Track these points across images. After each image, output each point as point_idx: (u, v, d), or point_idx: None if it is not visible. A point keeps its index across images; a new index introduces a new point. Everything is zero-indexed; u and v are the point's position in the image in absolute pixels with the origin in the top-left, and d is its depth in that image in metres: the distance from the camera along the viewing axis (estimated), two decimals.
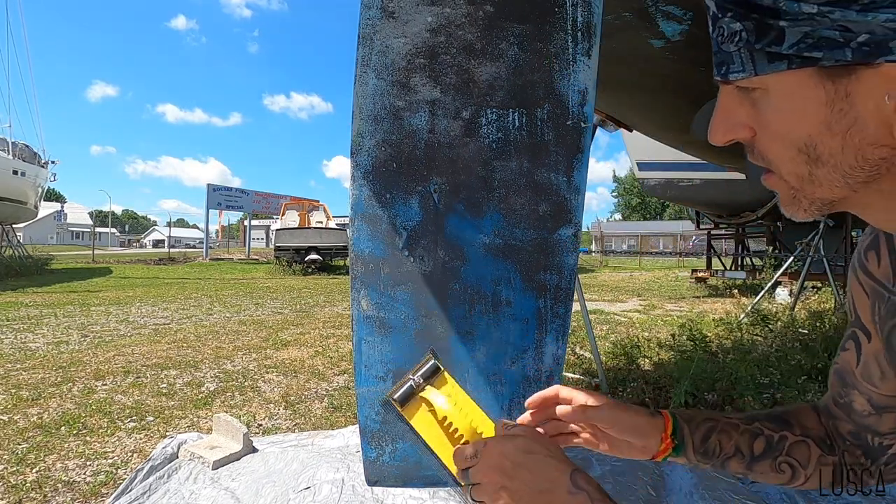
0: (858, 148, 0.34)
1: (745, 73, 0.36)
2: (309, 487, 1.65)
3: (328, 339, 4.84)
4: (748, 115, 0.38)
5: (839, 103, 0.33)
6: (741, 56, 0.35)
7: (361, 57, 0.91)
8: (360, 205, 0.94)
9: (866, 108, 0.32)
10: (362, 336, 0.97)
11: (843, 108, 0.33)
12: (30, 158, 15.14)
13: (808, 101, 0.34)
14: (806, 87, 0.33)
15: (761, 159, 0.40)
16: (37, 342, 4.44)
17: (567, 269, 0.99)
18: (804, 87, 0.33)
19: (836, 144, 0.34)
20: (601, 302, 8.41)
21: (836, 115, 0.33)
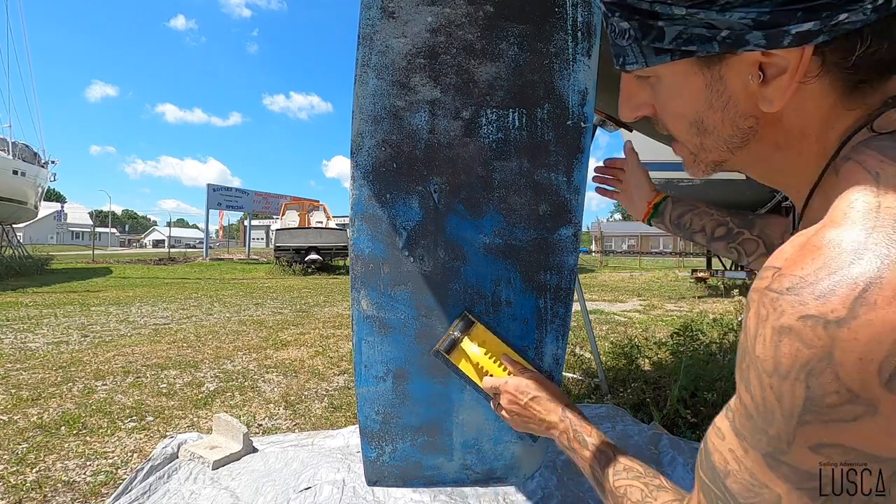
0: (733, 120, 0.41)
1: (638, 64, 0.42)
2: (309, 488, 1.65)
3: (328, 339, 4.84)
4: (648, 96, 0.46)
5: (716, 85, 0.40)
6: (633, 50, 0.42)
7: (361, 57, 0.91)
8: (360, 205, 0.94)
9: (736, 88, 0.39)
10: (362, 336, 0.97)
11: (719, 89, 0.40)
12: (30, 158, 15.14)
13: (692, 86, 0.41)
14: (689, 74, 0.41)
15: (665, 130, 0.48)
16: (37, 342, 4.44)
17: (567, 269, 0.99)
18: (688, 74, 0.41)
19: (718, 118, 0.41)
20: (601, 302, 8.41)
21: (714, 95, 0.40)
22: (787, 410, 0.31)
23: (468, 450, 1.02)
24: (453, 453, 1.02)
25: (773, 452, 0.33)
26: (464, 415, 1.01)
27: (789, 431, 0.31)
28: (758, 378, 0.32)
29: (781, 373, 0.31)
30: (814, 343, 0.29)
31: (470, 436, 1.02)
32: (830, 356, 0.29)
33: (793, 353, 0.30)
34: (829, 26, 0.33)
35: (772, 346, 0.31)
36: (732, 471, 0.36)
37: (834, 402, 0.29)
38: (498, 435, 1.02)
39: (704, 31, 0.37)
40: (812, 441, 0.31)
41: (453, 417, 1.00)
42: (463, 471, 1.03)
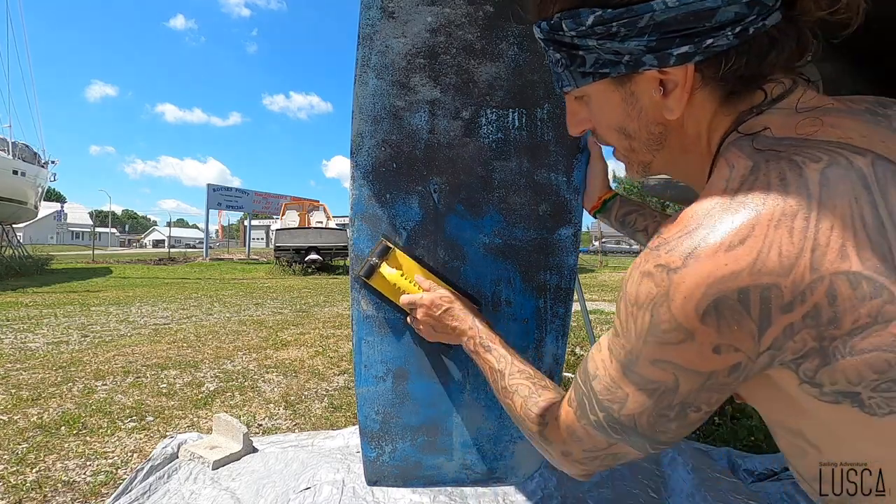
0: (647, 126, 0.50)
1: (570, 85, 0.53)
2: (309, 488, 1.65)
3: (328, 339, 4.84)
4: (587, 113, 0.55)
5: (629, 99, 0.49)
6: (566, 75, 0.52)
7: (361, 57, 0.91)
8: (360, 205, 0.94)
9: (645, 100, 0.48)
10: (362, 336, 0.97)
11: (632, 102, 0.49)
12: (30, 158, 15.13)
13: (612, 101, 0.51)
14: (609, 92, 0.50)
15: (603, 141, 0.57)
16: (37, 342, 4.43)
17: (567, 269, 0.99)
18: (608, 92, 0.51)
19: (636, 125, 0.51)
20: (601, 302, 8.41)
21: (629, 107, 0.50)
22: (638, 332, 0.42)
23: (468, 450, 1.02)
24: (453, 453, 1.02)
25: (627, 363, 0.44)
26: (464, 415, 1.00)
27: (638, 348, 0.43)
28: (624, 306, 0.44)
29: (639, 304, 0.42)
30: (660, 284, 0.39)
31: (470, 436, 1.01)
32: (667, 294, 0.39)
33: (647, 291, 0.41)
34: (701, 48, 0.43)
35: (636, 284, 0.42)
36: (599, 375, 0.48)
37: (666, 329, 0.39)
38: (498, 435, 1.02)
39: (613, 57, 0.47)
40: (652, 357, 0.42)
41: (453, 417, 1.00)
42: (463, 471, 1.03)
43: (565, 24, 0.47)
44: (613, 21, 0.44)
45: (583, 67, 0.49)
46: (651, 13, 0.42)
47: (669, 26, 0.42)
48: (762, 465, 1.87)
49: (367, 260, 0.93)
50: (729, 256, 0.36)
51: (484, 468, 1.03)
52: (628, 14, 0.43)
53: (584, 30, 0.46)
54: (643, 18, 0.43)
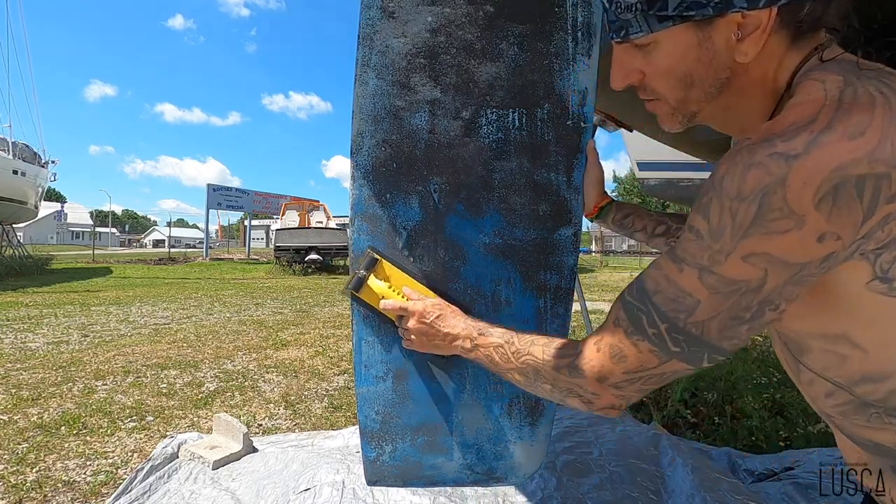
0: (716, 71, 0.51)
1: (643, 32, 0.51)
2: (309, 489, 1.65)
3: (328, 339, 4.84)
4: (640, 63, 0.54)
5: (705, 43, 0.49)
6: (637, 21, 0.51)
7: (361, 57, 0.91)
8: (360, 205, 0.94)
9: (720, 44, 0.48)
10: (362, 336, 0.97)
11: (707, 46, 0.49)
12: (30, 158, 15.13)
13: (687, 46, 0.50)
14: (685, 36, 0.49)
15: (650, 92, 0.56)
16: (37, 342, 4.44)
17: (567, 269, 0.99)
18: (684, 36, 0.49)
19: (703, 71, 0.51)
20: (601, 302, 8.41)
21: (703, 51, 0.50)
22: (737, 226, 0.41)
23: (468, 450, 1.02)
24: (453, 453, 1.02)
25: (710, 265, 0.43)
26: (464, 415, 1.01)
27: (730, 246, 0.42)
28: (719, 204, 0.42)
29: (742, 195, 0.40)
30: (775, 171, 0.39)
31: (470, 436, 1.02)
32: (784, 180, 0.38)
33: (757, 179, 0.40)
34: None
35: (739, 178, 0.41)
36: (662, 289, 0.47)
37: (776, 216, 0.39)
38: (498, 435, 1.02)
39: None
40: (747, 251, 0.41)
41: (453, 417, 1.00)
42: (463, 471, 1.03)
43: None
44: None
45: (664, 10, 0.48)
46: None
47: None
48: (762, 465, 1.87)
49: (355, 273, 0.93)
50: (852, 145, 0.37)
51: (484, 468, 1.03)
52: None
53: None
54: None
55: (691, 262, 0.45)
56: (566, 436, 2.07)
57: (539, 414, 1.02)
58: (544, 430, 1.04)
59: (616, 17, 0.53)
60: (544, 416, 1.03)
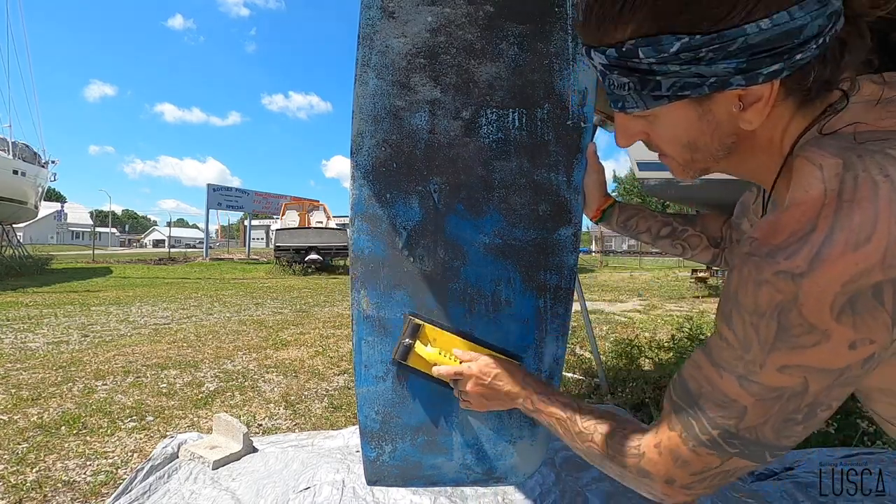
0: (720, 138, 0.51)
1: (639, 108, 0.51)
2: (309, 488, 1.65)
3: (328, 339, 4.85)
4: (643, 127, 0.55)
5: (706, 116, 0.49)
6: (632, 97, 0.51)
7: (361, 57, 0.91)
8: (360, 205, 0.94)
9: (722, 115, 0.48)
10: (362, 336, 0.97)
11: (709, 118, 0.49)
12: (30, 158, 15.13)
13: (687, 119, 0.50)
14: (683, 111, 0.49)
15: (657, 149, 0.57)
16: (37, 342, 4.44)
17: (567, 269, 0.99)
18: (682, 111, 0.49)
19: (707, 139, 0.51)
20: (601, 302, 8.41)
21: (705, 123, 0.50)
22: (763, 341, 0.41)
23: (468, 449, 1.02)
24: (453, 453, 1.02)
25: (747, 374, 0.43)
26: (464, 414, 1.01)
27: (761, 358, 0.42)
28: (740, 317, 0.43)
29: (759, 312, 0.41)
30: (784, 289, 0.39)
31: (470, 435, 1.02)
32: (796, 298, 0.39)
33: (769, 297, 0.40)
34: (789, 64, 0.43)
35: (753, 294, 0.41)
36: (706, 393, 0.47)
37: (798, 332, 0.39)
38: (498, 435, 1.02)
39: (695, 80, 0.46)
40: (780, 363, 0.41)
41: (453, 417, 1.00)
42: (463, 470, 1.03)
43: (642, 52, 0.46)
44: (702, 47, 0.43)
45: (657, 91, 0.48)
46: (744, 37, 0.42)
47: (760, 47, 0.42)
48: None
49: (400, 342, 0.93)
50: (859, 255, 0.37)
51: (484, 468, 1.03)
52: (720, 40, 0.42)
53: (666, 56, 0.45)
54: (735, 42, 0.42)
55: (728, 368, 0.45)
56: None
57: None
58: (544, 430, 1.04)
59: (611, 90, 0.52)
60: None
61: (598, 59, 0.50)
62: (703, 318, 5.58)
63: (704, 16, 0.42)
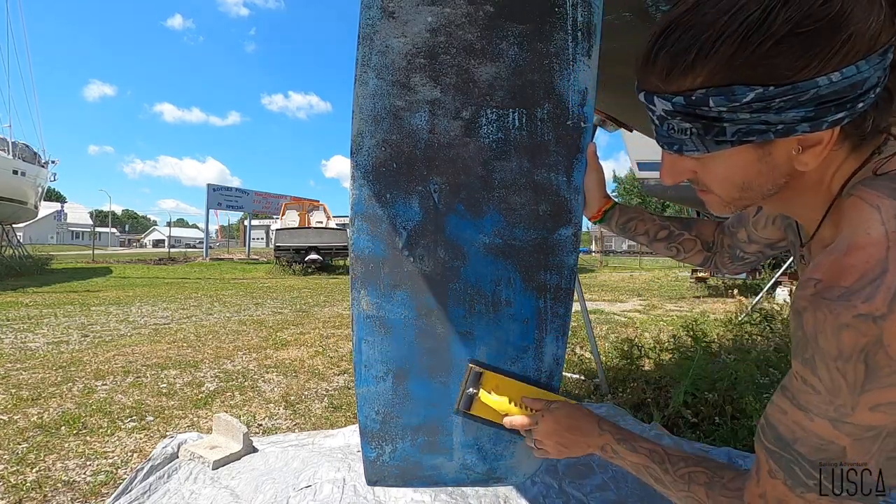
0: (774, 178, 0.51)
1: (699, 151, 0.51)
2: (310, 486, 1.65)
3: (328, 339, 4.85)
4: (693, 165, 0.55)
5: (765, 158, 0.49)
6: (693, 141, 0.50)
7: (361, 57, 0.91)
8: (360, 205, 0.94)
9: (781, 157, 0.49)
10: (362, 336, 0.97)
11: (768, 161, 0.50)
12: (30, 158, 15.13)
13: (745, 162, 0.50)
14: (744, 154, 0.50)
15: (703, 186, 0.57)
16: (37, 342, 4.44)
17: (567, 269, 0.99)
18: (743, 154, 0.50)
19: (763, 180, 0.52)
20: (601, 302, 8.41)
21: (763, 165, 0.50)
22: (852, 384, 0.42)
23: (468, 450, 1.02)
24: (453, 453, 1.02)
25: (839, 417, 0.43)
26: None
27: (853, 400, 0.42)
28: (824, 364, 0.43)
29: (845, 357, 0.41)
30: (868, 332, 0.40)
31: (470, 436, 1.02)
32: (880, 340, 0.39)
33: (853, 340, 0.40)
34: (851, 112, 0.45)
35: (834, 339, 0.41)
36: (800, 437, 0.46)
37: (888, 372, 0.40)
38: (498, 435, 1.02)
39: (762, 126, 0.46)
40: (872, 403, 0.42)
41: (453, 417, 1.00)
42: (463, 471, 1.03)
43: (713, 101, 0.46)
44: (775, 98, 0.44)
45: (721, 136, 0.48)
46: (816, 88, 0.43)
47: (829, 98, 0.43)
48: None
49: (463, 391, 0.93)
50: None
51: (484, 468, 1.03)
52: (793, 91, 0.43)
53: (737, 105, 0.45)
54: (807, 94, 0.43)
55: (818, 412, 0.45)
56: None
57: None
58: None
59: (668, 134, 0.52)
60: None
61: (661, 105, 0.50)
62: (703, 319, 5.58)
63: (781, 68, 0.43)
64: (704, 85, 0.46)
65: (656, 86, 0.50)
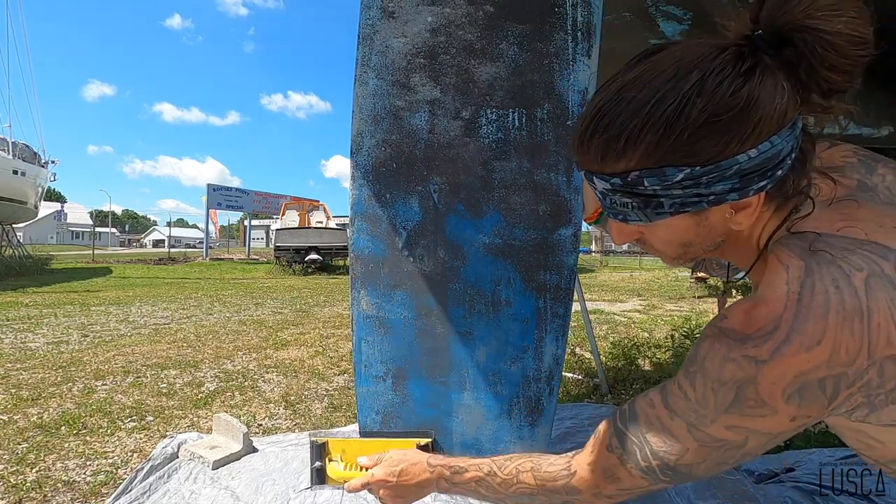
0: (712, 238, 0.57)
1: (641, 221, 0.56)
2: (310, 487, 1.65)
3: (328, 339, 4.85)
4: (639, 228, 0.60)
5: (702, 223, 0.55)
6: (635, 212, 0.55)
7: (361, 57, 0.91)
8: (360, 205, 0.94)
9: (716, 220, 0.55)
10: (362, 336, 0.97)
11: (704, 224, 0.55)
12: (30, 158, 15.14)
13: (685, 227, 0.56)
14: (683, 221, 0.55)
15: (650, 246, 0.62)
16: (37, 342, 4.44)
17: (567, 269, 0.99)
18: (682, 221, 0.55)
19: (701, 239, 0.57)
20: (601, 302, 8.41)
21: (701, 228, 0.56)
22: (719, 404, 0.50)
23: (468, 449, 1.02)
24: (453, 453, 1.02)
25: (696, 423, 0.52)
26: (464, 414, 1.01)
27: (713, 415, 0.50)
28: (703, 381, 0.51)
29: (721, 381, 0.49)
30: (747, 369, 0.47)
31: (470, 435, 1.02)
32: (755, 379, 0.47)
33: (732, 373, 0.48)
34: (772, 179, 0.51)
35: (719, 366, 0.50)
36: (655, 428, 0.55)
37: (752, 405, 0.48)
38: (498, 435, 1.02)
39: (695, 199, 0.52)
40: (729, 423, 0.50)
41: (453, 417, 1.00)
42: None
43: (647, 181, 0.51)
44: (703, 176, 0.49)
45: (660, 209, 0.53)
46: (738, 165, 0.49)
47: (750, 170, 0.49)
48: (762, 465, 1.87)
49: (313, 468, 0.93)
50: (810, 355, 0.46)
51: None
52: (717, 169, 0.49)
53: (669, 184, 0.50)
54: (731, 169, 0.49)
55: (681, 415, 0.53)
56: (567, 437, 2.07)
57: (539, 414, 1.02)
58: (544, 431, 1.04)
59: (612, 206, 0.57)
60: (544, 416, 1.03)
61: (600, 184, 0.55)
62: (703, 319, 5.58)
63: (704, 151, 0.48)
64: (637, 167, 0.51)
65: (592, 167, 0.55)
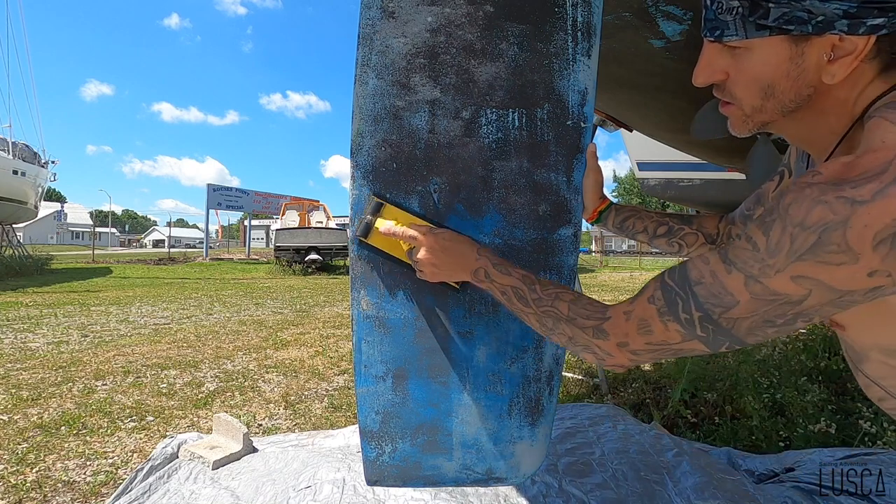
0: (799, 87, 0.51)
1: (738, 36, 0.51)
2: (310, 486, 1.65)
3: (328, 339, 4.84)
4: (727, 64, 0.55)
5: (797, 59, 0.50)
6: (735, 24, 0.51)
7: (361, 57, 0.91)
8: (360, 205, 0.94)
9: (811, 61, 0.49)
10: (362, 336, 0.97)
11: (798, 62, 0.50)
12: (30, 158, 15.13)
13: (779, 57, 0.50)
14: (779, 48, 0.50)
15: (728, 95, 0.57)
16: (37, 342, 4.44)
17: (567, 269, 0.99)
18: (778, 48, 0.50)
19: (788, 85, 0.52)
20: None
21: (793, 66, 0.50)
22: (794, 249, 0.44)
23: (468, 449, 1.02)
24: (453, 453, 1.02)
25: (758, 275, 0.46)
26: (464, 415, 1.01)
27: (782, 263, 0.44)
28: (782, 226, 0.45)
29: (805, 225, 0.43)
30: (839, 211, 0.41)
31: (470, 435, 1.02)
32: (847, 221, 0.41)
33: (821, 215, 0.42)
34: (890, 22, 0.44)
35: (805, 209, 0.43)
36: (706, 282, 0.50)
37: (833, 251, 0.42)
38: (498, 434, 1.02)
39: (804, 15, 0.46)
40: (797, 273, 0.44)
41: (453, 417, 1.00)
42: (463, 471, 1.03)
43: None
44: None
45: (764, 20, 0.49)
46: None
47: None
48: (763, 465, 1.87)
49: (362, 219, 0.93)
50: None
51: (484, 468, 1.03)
52: None
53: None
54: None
55: (741, 267, 0.47)
56: (567, 437, 2.07)
57: (539, 414, 1.02)
58: (544, 430, 1.04)
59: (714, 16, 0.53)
60: (544, 416, 1.03)
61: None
62: None
63: None
64: None
65: None
